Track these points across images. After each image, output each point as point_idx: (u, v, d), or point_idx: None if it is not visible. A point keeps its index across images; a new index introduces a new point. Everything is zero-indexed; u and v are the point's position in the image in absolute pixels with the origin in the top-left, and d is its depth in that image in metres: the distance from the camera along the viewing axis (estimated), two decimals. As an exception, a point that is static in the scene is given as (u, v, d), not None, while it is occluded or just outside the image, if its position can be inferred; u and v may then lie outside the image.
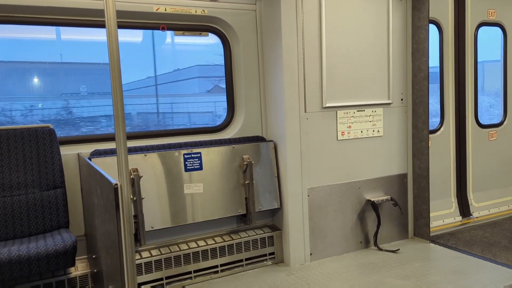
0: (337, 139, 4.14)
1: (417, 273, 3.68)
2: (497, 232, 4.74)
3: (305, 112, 3.95)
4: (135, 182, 3.37)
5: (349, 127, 4.18)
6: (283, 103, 3.87)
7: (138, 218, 3.37)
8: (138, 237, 3.39)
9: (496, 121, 5.59)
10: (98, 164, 3.27)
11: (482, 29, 5.30)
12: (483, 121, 5.40)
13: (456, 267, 3.80)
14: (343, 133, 4.15)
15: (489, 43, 5.27)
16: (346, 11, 4.07)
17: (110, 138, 3.69)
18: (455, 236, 4.63)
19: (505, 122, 5.58)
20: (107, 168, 3.27)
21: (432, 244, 4.39)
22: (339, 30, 4.05)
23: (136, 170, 3.40)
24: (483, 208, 5.36)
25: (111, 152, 3.50)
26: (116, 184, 2.12)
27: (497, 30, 5.43)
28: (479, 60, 5.25)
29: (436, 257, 4.05)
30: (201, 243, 3.78)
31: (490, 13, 5.31)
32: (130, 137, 3.76)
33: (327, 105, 4.03)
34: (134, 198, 3.36)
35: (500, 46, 5.55)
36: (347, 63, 4.12)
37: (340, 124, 4.13)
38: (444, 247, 4.32)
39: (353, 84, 4.17)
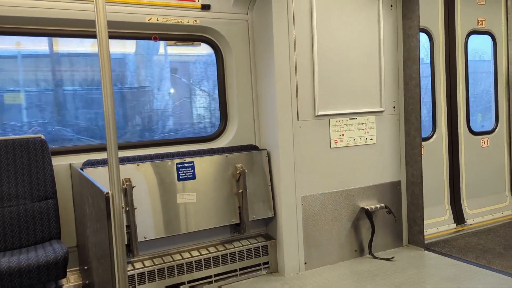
0: (330, 147, 4.14)
1: (412, 281, 3.67)
2: (491, 239, 4.74)
3: (298, 120, 3.96)
4: (127, 192, 3.35)
5: (342, 135, 4.19)
6: (275, 112, 3.88)
7: (130, 228, 3.35)
8: (131, 247, 3.36)
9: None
10: (90, 174, 3.26)
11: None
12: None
13: (451, 274, 3.79)
14: (336, 141, 4.16)
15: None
16: (337, 20, 4.11)
17: (102, 148, 3.68)
18: (449, 243, 4.63)
19: (497, 129, 5.62)
20: (100, 178, 3.24)
21: (426, 252, 4.38)
22: (330, 39, 4.08)
23: (128, 180, 3.39)
24: (477, 215, 5.37)
25: (103, 162, 3.48)
26: (108, 193, 2.11)
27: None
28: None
29: (430, 265, 4.04)
30: (195, 253, 3.75)
31: (480, 21, 5.38)
32: (123, 147, 3.75)
33: (320, 113, 4.05)
34: (127, 208, 3.34)
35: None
36: (339, 71, 4.14)
37: (333, 132, 4.14)
38: (438, 254, 4.31)
39: (346, 92, 4.19)
